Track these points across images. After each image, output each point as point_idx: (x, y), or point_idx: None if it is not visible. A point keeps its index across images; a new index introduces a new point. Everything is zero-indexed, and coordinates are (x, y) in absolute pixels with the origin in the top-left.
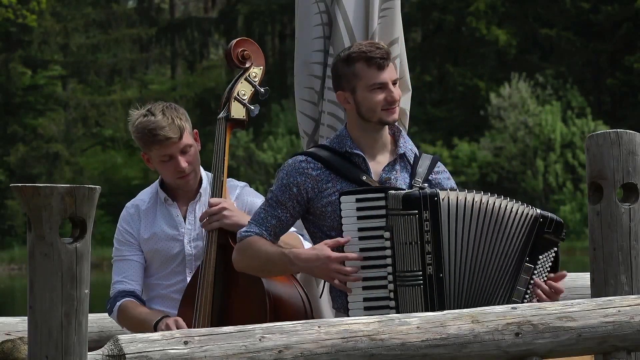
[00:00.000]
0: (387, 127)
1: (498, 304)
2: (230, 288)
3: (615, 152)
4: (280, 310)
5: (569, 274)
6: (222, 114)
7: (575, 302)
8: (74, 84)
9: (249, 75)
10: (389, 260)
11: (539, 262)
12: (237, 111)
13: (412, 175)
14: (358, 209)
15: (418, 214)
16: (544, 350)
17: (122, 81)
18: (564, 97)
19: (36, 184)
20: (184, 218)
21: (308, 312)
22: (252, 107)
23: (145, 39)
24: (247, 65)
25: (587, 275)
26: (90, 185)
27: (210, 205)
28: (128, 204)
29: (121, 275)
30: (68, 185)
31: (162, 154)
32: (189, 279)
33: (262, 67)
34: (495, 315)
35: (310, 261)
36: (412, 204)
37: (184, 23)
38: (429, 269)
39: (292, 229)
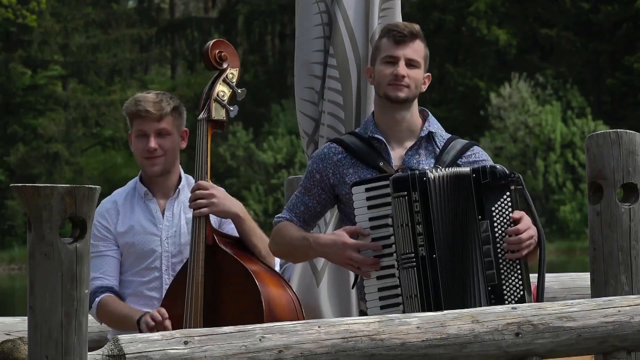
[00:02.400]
0: (414, 110)
1: (481, 273)
2: (222, 288)
3: (615, 152)
4: (276, 316)
5: (569, 274)
6: (202, 115)
7: (575, 302)
8: (74, 84)
9: (226, 77)
10: (394, 247)
11: (494, 213)
12: (218, 112)
13: (437, 160)
14: (368, 199)
15: (407, 195)
16: (544, 350)
17: (122, 81)
18: (564, 97)
19: (36, 184)
20: (162, 214)
21: (300, 317)
22: (232, 109)
23: (145, 39)
24: (224, 67)
25: (587, 275)
26: (90, 185)
27: (200, 187)
28: (104, 200)
29: (98, 271)
30: (68, 185)
31: (138, 128)
32: (165, 276)
33: (237, 69)
34: (495, 315)
35: (328, 246)
36: (402, 185)
37: (184, 23)
38: (421, 250)
39: None
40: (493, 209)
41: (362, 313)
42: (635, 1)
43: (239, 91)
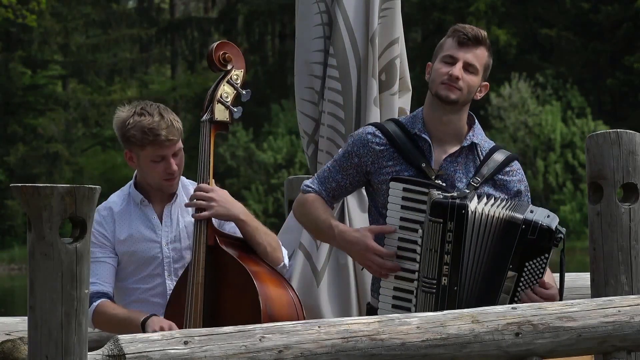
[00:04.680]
0: (463, 115)
1: None
2: (222, 289)
3: (615, 152)
4: (274, 317)
5: (568, 274)
6: (205, 117)
7: (575, 302)
8: (74, 84)
9: (230, 78)
10: (418, 258)
11: (526, 269)
12: (221, 113)
13: (476, 172)
14: (403, 198)
15: (443, 223)
16: (544, 350)
17: (122, 81)
18: (564, 97)
19: (36, 184)
20: (160, 220)
21: (300, 318)
22: (235, 110)
23: (145, 39)
24: (228, 68)
25: (587, 275)
26: (90, 185)
27: (200, 190)
28: (99, 207)
29: (94, 277)
30: (68, 185)
31: (155, 154)
32: (167, 282)
33: (242, 70)
34: (495, 315)
35: (351, 243)
36: (439, 212)
37: (184, 23)
38: (444, 280)
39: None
40: (527, 264)
41: (370, 306)
42: (636, 1)
43: (244, 92)
